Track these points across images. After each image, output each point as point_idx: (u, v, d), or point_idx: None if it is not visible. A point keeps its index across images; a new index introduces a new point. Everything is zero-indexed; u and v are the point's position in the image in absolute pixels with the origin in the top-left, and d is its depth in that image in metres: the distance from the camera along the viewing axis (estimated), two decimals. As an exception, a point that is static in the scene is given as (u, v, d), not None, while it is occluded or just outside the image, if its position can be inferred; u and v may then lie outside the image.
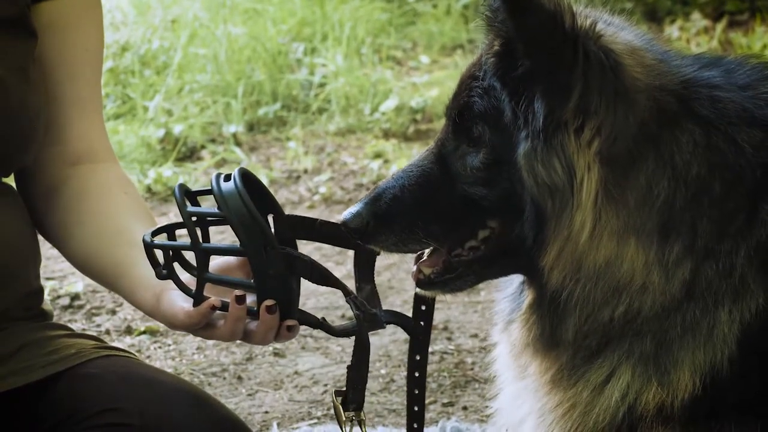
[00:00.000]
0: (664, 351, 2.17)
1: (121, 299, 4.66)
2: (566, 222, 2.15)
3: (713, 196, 2.14)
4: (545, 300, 2.23)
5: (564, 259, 2.16)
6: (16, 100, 2.31)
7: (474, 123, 2.24)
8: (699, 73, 2.22)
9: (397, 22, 8.19)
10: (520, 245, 2.22)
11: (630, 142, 2.14)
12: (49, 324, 2.49)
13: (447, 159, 2.29)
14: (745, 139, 2.14)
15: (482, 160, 2.23)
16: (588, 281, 2.17)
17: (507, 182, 2.20)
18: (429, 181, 2.29)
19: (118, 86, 7.02)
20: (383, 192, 2.30)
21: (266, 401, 3.89)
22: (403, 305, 4.58)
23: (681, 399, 2.16)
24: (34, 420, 2.33)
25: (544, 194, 2.15)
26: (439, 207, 2.28)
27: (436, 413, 3.77)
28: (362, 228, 2.29)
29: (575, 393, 2.25)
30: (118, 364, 2.41)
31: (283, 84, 7.02)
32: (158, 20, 7.81)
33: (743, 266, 2.12)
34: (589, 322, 2.20)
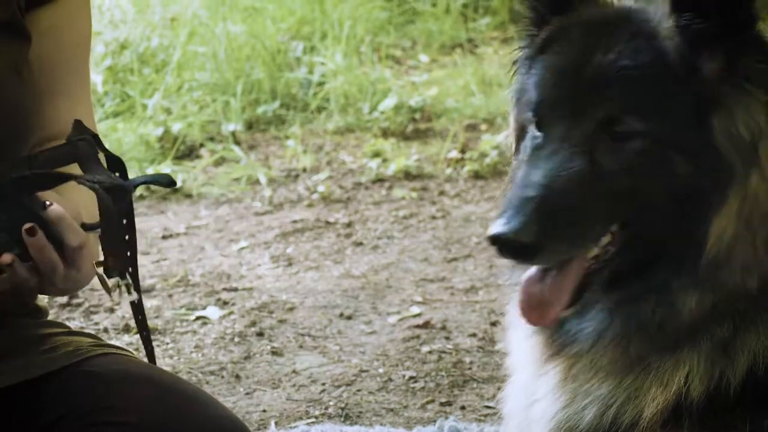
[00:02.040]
0: (736, 336, 2.13)
1: (120, 298, 4.67)
2: (750, 177, 2.10)
3: None
4: (680, 278, 2.13)
5: (742, 217, 2.10)
6: (12, 101, 2.32)
7: (629, 117, 2.13)
8: None
9: (397, 21, 8.19)
10: (659, 233, 2.14)
11: None
12: (46, 322, 2.49)
13: (595, 156, 2.14)
14: None
15: (638, 150, 2.12)
16: (757, 235, 2.10)
17: (668, 164, 2.12)
18: (582, 181, 2.12)
19: (116, 84, 7.02)
20: (542, 198, 2.09)
21: (264, 400, 3.89)
22: (401, 304, 4.58)
23: (737, 383, 2.12)
24: (30, 418, 2.33)
25: (741, 150, 2.09)
26: (596, 206, 2.13)
27: (433, 412, 3.77)
28: (535, 244, 2.07)
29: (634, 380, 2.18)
30: (116, 362, 2.41)
31: (282, 82, 7.02)
32: (157, 18, 7.80)
33: None
34: (724, 294, 2.12)
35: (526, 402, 2.36)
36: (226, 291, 4.74)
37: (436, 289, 4.69)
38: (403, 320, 4.45)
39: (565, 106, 2.17)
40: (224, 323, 4.44)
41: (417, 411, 3.80)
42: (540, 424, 2.30)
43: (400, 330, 4.37)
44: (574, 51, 2.20)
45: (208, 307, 4.58)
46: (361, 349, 4.22)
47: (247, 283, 4.83)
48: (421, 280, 4.80)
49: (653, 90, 2.13)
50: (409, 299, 4.63)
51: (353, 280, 4.83)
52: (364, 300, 4.64)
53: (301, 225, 5.47)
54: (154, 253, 5.20)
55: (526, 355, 2.36)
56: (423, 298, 4.62)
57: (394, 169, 6.01)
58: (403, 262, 5.00)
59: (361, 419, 3.75)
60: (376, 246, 5.18)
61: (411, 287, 4.74)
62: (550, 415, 2.28)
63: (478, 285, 4.70)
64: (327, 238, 5.30)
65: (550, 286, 2.18)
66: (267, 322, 4.45)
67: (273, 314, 4.52)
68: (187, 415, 2.31)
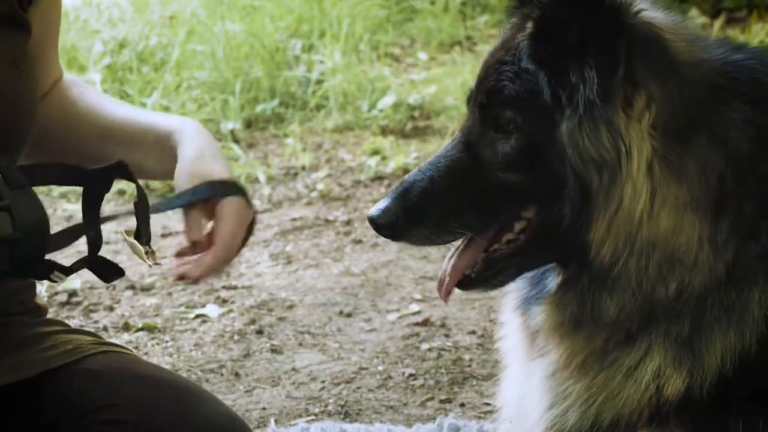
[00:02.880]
0: (699, 333, 2.16)
1: (119, 296, 4.67)
2: (616, 195, 2.12)
3: (759, 176, 2.14)
4: (590, 275, 2.19)
5: (615, 232, 2.13)
6: (12, 96, 2.32)
7: (503, 109, 2.21)
8: (732, 55, 2.22)
9: (395, 19, 8.18)
10: (559, 227, 2.19)
11: (683, 114, 2.13)
12: (45, 320, 2.49)
13: (475, 147, 2.26)
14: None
15: (514, 145, 2.20)
16: (644, 253, 2.14)
17: (542, 165, 2.18)
18: (459, 170, 2.26)
19: (115, 83, 7.02)
20: (411, 185, 2.27)
21: (264, 398, 3.90)
22: (401, 302, 4.58)
23: (709, 382, 2.15)
24: (30, 416, 2.34)
25: (590, 169, 2.13)
26: (472, 196, 2.25)
27: (433, 410, 3.77)
28: (392, 223, 2.25)
29: (607, 377, 2.22)
30: (116, 361, 2.41)
31: (280, 81, 7.02)
32: (156, 17, 7.81)
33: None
34: (636, 300, 2.17)
35: (519, 394, 2.39)
36: (226, 289, 4.74)
37: (435, 287, 4.68)
38: (402, 318, 4.45)
39: (471, 99, 2.31)
40: (224, 321, 4.44)
41: (417, 408, 3.80)
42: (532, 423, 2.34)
43: (400, 327, 4.37)
44: (493, 46, 2.32)
45: (208, 305, 4.58)
46: (360, 347, 4.22)
47: (247, 281, 4.83)
48: (421, 277, 4.81)
49: (523, 89, 2.19)
50: (408, 297, 4.63)
51: (352, 277, 4.84)
52: (364, 298, 4.64)
53: (301, 223, 5.47)
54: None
55: (516, 350, 2.40)
56: (422, 296, 4.62)
57: (393, 166, 6.01)
58: (403, 259, 5.00)
59: (360, 416, 3.76)
60: (376, 244, 5.18)
61: (410, 285, 4.74)
62: (539, 414, 2.32)
63: (478, 282, 4.70)
64: (326, 236, 5.30)
65: (450, 265, 2.36)
66: (266, 320, 4.45)
67: (272, 312, 4.52)
68: (186, 413, 2.31)
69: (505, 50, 2.25)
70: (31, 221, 2.19)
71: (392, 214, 2.25)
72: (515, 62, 2.21)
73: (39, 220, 2.22)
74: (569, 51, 2.13)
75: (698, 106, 2.14)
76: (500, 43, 2.29)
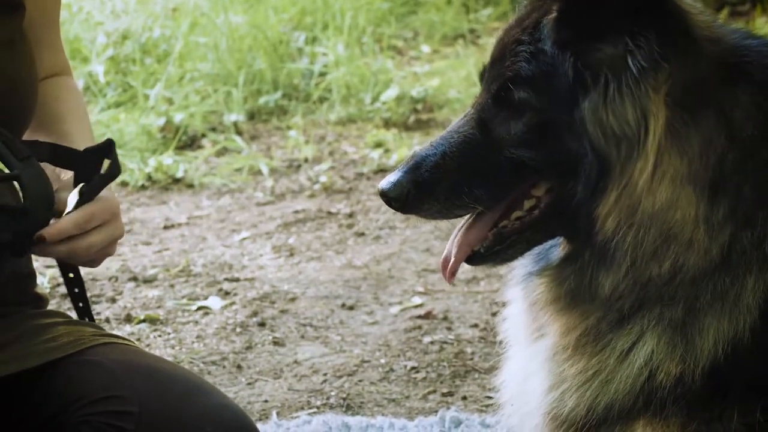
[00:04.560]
0: (692, 318, 2.16)
1: (122, 287, 4.67)
2: (630, 168, 2.13)
3: (760, 161, 2.14)
4: (591, 251, 2.20)
5: (621, 204, 2.14)
6: (8, 77, 2.32)
7: (518, 89, 2.21)
8: (744, 40, 2.23)
9: (398, 12, 8.18)
10: (569, 203, 2.20)
11: (697, 87, 2.14)
12: (47, 311, 2.49)
13: (488, 124, 2.26)
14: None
15: (527, 123, 2.21)
16: (641, 226, 2.14)
17: (555, 143, 2.18)
18: (471, 146, 2.26)
19: (118, 74, 7.02)
20: (423, 159, 2.26)
21: (266, 390, 3.90)
22: (403, 294, 4.58)
23: (702, 368, 2.15)
24: (32, 407, 2.34)
25: (611, 145, 2.14)
26: (484, 171, 2.25)
27: (435, 403, 3.77)
28: (403, 197, 2.25)
29: (600, 360, 2.23)
30: (118, 352, 2.41)
31: (283, 73, 7.02)
32: (159, 9, 7.80)
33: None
34: (630, 277, 2.17)
35: (521, 376, 2.40)
36: (228, 281, 4.74)
37: (437, 280, 4.69)
38: (404, 311, 4.45)
39: (483, 77, 2.31)
40: (226, 313, 4.44)
41: (418, 401, 3.80)
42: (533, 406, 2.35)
43: (402, 320, 4.37)
44: (505, 27, 2.32)
45: (210, 298, 4.58)
46: (362, 340, 4.22)
47: (249, 273, 4.83)
48: (423, 270, 4.80)
49: (540, 70, 2.20)
50: (410, 290, 4.63)
51: (355, 270, 4.83)
52: (366, 290, 4.64)
53: (303, 215, 5.47)
54: (155, 243, 5.20)
55: (518, 329, 2.41)
56: (425, 289, 4.62)
57: (395, 159, 6.01)
58: (405, 252, 5.00)
59: (362, 409, 3.76)
60: (378, 236, 5.18)
61: (413, 278, 4.74)
62: (539, 398, 2.32)
63: (480, 276, 4.70)
64: (329, 228, 5.30)
65: (456, 242, 2.34)
66: (268, 313, 4.45)
67: (275, 304, 4.52)
68: (188, 405, 2.31)
69: (521, 29, 2.25)
70: (38, 192, 2.19)
71: (403, 188, 2.24)
72: (533, 42, 2.21)
73: (45, 191, 2.21)
74: (597, 30, 2.14)
75: (712, 81, 2.15)
76: (515, 21, 2.29)
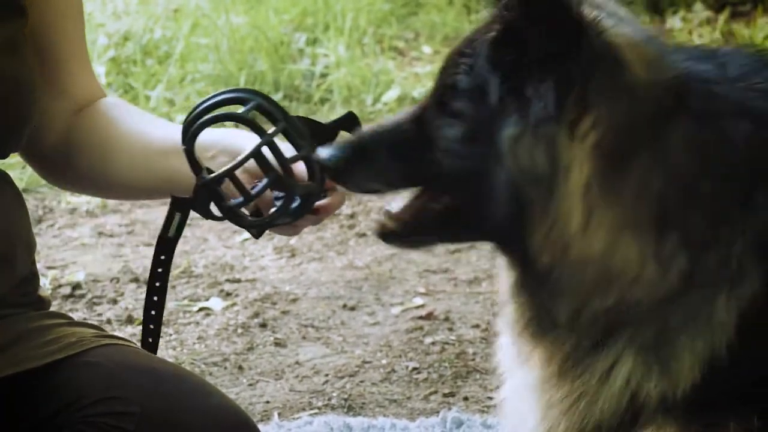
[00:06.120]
0: (664, 340, 2.16)
1: (123, 289, 4.67)
2: (552, 209, 2.13)
3: (705, 191, 2.14)
4: (535, 280, 2.21)
5: (552, 242, 2.15)
6: (9, 81, 2.32)
7: (456, 98, 2.23)
8: (694, 66, 2.21)
9: (400, 13, 8.18)
10: (487, 218, 2.22)
11: (626, 136, 2.13)
12: (48, 312, 2.49)
13: (426, 124, 2.29)
14: (735, 133, 2.14)
15: (460, 132, 2.23)
16: (575, 269, 2.15)
17: (481, 158, 2.19)
18: (405, 139, 2.31)
19: (119, 76, 7.02)
20: (363, 140, 2.34)
21: (267, 391, 3.90)
22: (405, 295, 4.58)
23: (683, 388, 2.16)
24: (33, 408, 2.33)
25: (526, 179, 2.14)
26: (410, 169, 2.30)
27: (437, 403, 3.77)
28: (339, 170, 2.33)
29: (583, 383, 2.23)
30: (119, 353, 2.41)
31: (285, 74, 7.02)
32: (160, 10, 7.80)
33: (740, 254, 2.12)
34: (581, 311, 2.18)
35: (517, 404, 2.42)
36: (229, 282, 4.74)
37: (439, 281, 4.69)
38: (406, 311, 4.45)
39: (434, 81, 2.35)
40: (227, 314, 4.44)
41: (420, 402, 3.80)
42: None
43: (404, 321, 4.37)
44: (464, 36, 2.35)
45: (211, 299, 4.58)
46: (364, 341, 4.22)
47: (250, 274, 4.83)
48: (425, 271, 4.80)
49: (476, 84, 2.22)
50: (412, 290, 4.63)
51: (356, 271, 4.83)
52: (368, 291, 4.64)
53: (304, 216, 5.46)
54: (157, 244, 5.19)
55: (510, 360, 2.43)
56: (426, 290, 4.62)
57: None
58: (406, 253, 5.00)
59: (364, 410, 3.76)
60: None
61: (414, 278, 4.74)
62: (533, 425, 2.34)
63: (482, 276, 4.70)
64: (330, 229, 5.30)
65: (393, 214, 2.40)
66: (270, 314, 4.45)
67: (276, 305, 4.52)
68: (190, 406, 2.31)
69: (467, 43, 2.27)
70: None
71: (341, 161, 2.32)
72: (473, 56, 2.23)
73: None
74: (527, 64, 2.14)
75: (643, 127, 2.14)
76: (470, 33, 2.31)
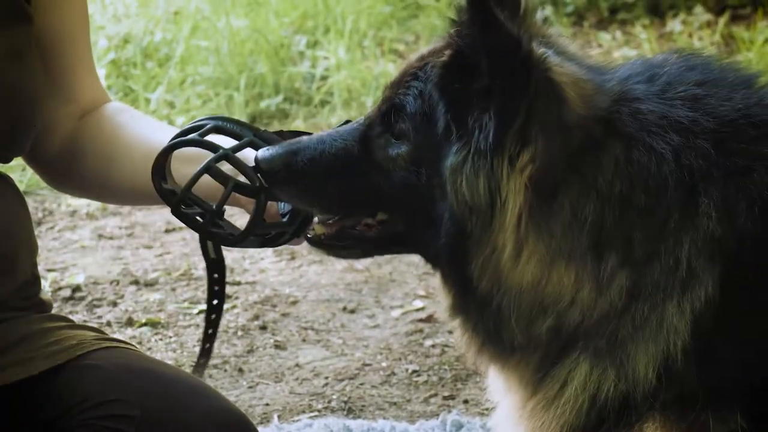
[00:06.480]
0: (617, 347, 2.21)
1: (123, 291, 4.67)
2: (487, 240, 2.18)
3: (641, 207, 2.17)
4: (476, 304, 2.26)
5: (488, 271, 2.20)
6: (12, 88, 2.32)
7: (402, 120, 2.27)
8: (625, 88, 2.25)
9: (400, 15, 8.18)
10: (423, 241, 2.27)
11: (556, 169, 2.17)
12: (49, 316, 2.49)
13: (370, 142, 2.31)
14: (663, 146, 2.18)
15: (404, 154, 2.27)
16: (512, 297, 2.20)
17: (422, 183, 2.24)
18: (347, 157, 2.33)
19: (120, 78, 7.02)
20: (304, 149, 2.34)
21: (267, 393, 3.90)
22: (405, 298, 4.58)
23: (643, 389, 2.20)
24: (34, 411, 2.34)
25: (464, 210, 2.18)
26: (348, 186, 2.33)
27: (437, 406, 3.78)
28: (272, 173, 2.32)
29: (546, 391, 2.29)
30: (119, 356, 2.41)
31: (285, 77, 7.02)
32: (160, 12, 7.80)
33: (689, 259, 2.16)
34: (530, 330, 2.23)
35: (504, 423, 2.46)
36: (230, 285, 4.74)
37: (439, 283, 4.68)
38: (406, 314, 4.45)
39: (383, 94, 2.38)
40: (227, 317, 4.44)
41: (420, 405, 3.80)
42: None
43: (403, 324, 4.37)
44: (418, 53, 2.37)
45: (212, 301, 4.58)
46: (364, 343, 4.23)
47: (250, 276, 4.83)
48: (425, 273, 4.80)
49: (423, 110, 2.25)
50: (412, 293, 4.63)
51: (356, 273, 4.84)
52: (368, 294, 4.64)
53: (304, 219, 5.47)
54: (157, 247, 5.20)
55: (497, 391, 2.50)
56: (426, 292, 4.62)
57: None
58: (407, 255, 4.99)
59: (363, 413, 3.76)
60: (380, 240, 5.18)
61: (414, 281, 4.74)
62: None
63: (481, 279, 4.70)
64: (330, 232, 5.29)
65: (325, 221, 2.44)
66: (270, 316, 4.45)
67: (276, 308, 4.53)
68: (190, 409, 2.31)
69: (421, 65, 2.29)
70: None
71: (275, 164, 2.32)
72: (424, 80, 2.26)
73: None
74: (473, 95, 2.18)
75: (572, 160, 2.18)
76: (424, 53, 2.34)
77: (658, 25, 8.03)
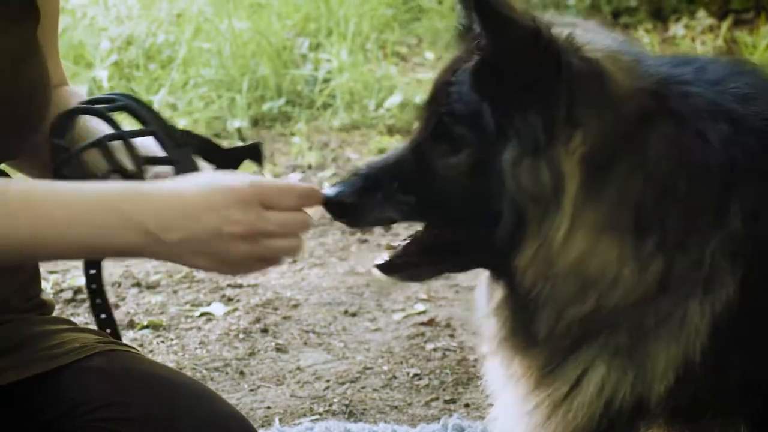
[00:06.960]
0: (638, 343, 2.17)
1: (125, 293, 4.67)
2: (547, 226, 2.16)
3: (681, 191, 2.14)
4: (517, 298, 2.24)
5: (538, 260, 2.17)
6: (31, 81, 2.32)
7: (455, 125, 2.24)
8: (672, 70, 2.23)
9: (402, 18, 8.18)
10: (486, 244, 2.23)
11: (611, 144, 2.15)
12: (51, 318, 2.50)
13: (425, 156, 2.29)
14: (713, 134, 2.14)
15: (464, 160, 2.23)
16: (557, 279, 2.17)
17: (485, 184, 2.21)
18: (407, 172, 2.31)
19: (122, 80, 7.02)
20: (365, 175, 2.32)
21: (268, 397, 3.90)
22: (406, 301, 4.58)
23: (658, 392, 2.17)
24: (35, 413, 2.34)
25: (527, 200, 2.16)
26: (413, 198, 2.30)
27: (438, 410, 3.77)
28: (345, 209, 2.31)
29: (554, 390, 2.26)
30: (121, 359, 2.41)
31: (287, 79, 7.02)
32: (163, 14, 7.81)
33: (713, 258, 2.13)
34: (560, 321, 2.20)
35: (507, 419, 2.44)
36: (231, 287, 4.74)
37: (440, 287, 4.69)
38: (407, 318, 4.45)
39: (423, 114, 2.36)
40: (229, 320, 4.44)
41: (421, 408, 3.80)
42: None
43: (405, 327, 4.37)
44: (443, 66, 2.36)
45: (213, 304, 4.59)
46: (365, 347, 4.22)
47: (252, 279, 4.83)
48: (426, 277, 4.80)
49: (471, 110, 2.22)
50: (413, 297, 4.63)
51: (358, 277, 4.84)
52: (369, 297, 4.64)
53: (306, 222, 5.46)
54: (159, 249, 5.19)
55: (498, 381, 2.46)
56: (428, 296, 4.62)
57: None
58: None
59: (365, 416, 3.76)
60: (381, 243, 5.18)
61: (416, 285, 4.74)
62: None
63: (483, 283, 4.70)
64: (332, 235, 5.30)
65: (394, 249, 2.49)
66: (271, 319, 4.45)
67: (277, 311, 4.52)
68: (191, 412, 2.31)
69: (451, 72, 2.28)
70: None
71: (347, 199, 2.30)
72: (460, 85, 2.24)
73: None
74: (512, 94, 2.16)
75: (625, 133, 2.15)
76: (451, 63, 2.32)
77: (661, 30, 8.04)
